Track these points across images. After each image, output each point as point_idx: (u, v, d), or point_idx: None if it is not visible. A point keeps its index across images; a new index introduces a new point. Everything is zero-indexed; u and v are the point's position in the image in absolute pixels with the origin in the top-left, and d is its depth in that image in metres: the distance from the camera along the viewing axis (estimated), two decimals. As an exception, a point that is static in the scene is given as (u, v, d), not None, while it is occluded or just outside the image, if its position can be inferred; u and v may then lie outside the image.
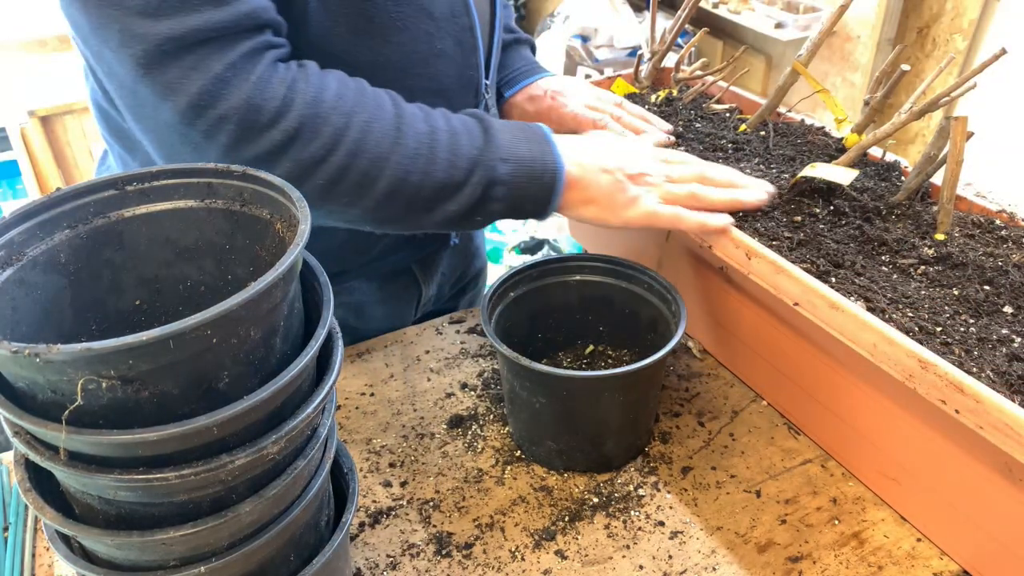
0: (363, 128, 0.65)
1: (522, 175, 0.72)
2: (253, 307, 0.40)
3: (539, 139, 0.74)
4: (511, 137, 0.73)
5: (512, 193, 0.72)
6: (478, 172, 0.70)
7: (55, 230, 0.47)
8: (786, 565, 0.64)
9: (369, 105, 0.67)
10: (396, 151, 0.67)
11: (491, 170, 0.70)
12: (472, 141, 0.71)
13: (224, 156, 0.62)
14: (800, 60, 0.87)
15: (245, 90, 0.61)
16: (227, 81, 0.60)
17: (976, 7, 2.26)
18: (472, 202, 0.71)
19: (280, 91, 0.62)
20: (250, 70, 0.61)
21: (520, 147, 0.72)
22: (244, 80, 0.61)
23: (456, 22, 0.77)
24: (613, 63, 2.83)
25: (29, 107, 2.11)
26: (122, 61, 0.59)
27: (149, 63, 0.59)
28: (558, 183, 0.73)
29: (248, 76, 0.61)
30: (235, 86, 0.60)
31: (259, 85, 0.61)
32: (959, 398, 0.55)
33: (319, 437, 0.49)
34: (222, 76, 0.60)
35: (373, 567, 0.65)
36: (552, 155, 0.73)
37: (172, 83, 0.59)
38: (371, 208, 0.68)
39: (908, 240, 0.74)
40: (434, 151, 0.68)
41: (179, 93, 0.59)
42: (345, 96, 0.66)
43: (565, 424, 0.70)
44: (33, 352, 0.36)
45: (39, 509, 0.44)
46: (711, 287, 0.82)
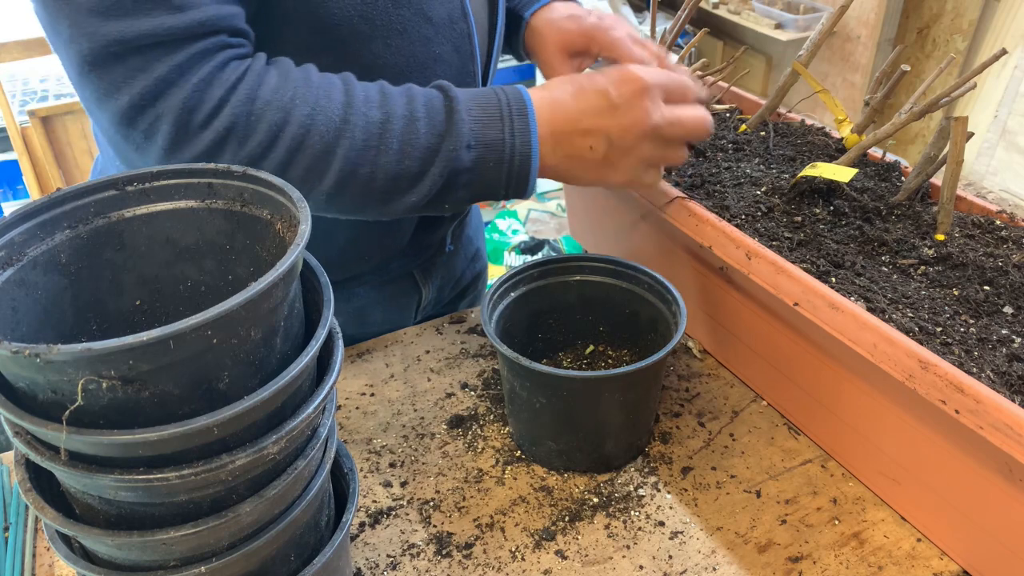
0: (303, 122, 0.63)
1: (489, 160, 0.67)
2: (253, 307, 0.40)
3: (516, 112, 0.68)
4: (479, 116, 0.67)
5: (479, 180, 0.68)
6: (438, 162, 0.66)
7: (55, 230, 0.47)
8: (786, 565, 0.64)
9: (312, 96, 0.64)
10: (342, 143, 0.64)
11: (453, 160, 0.66)
12: (432, 127, 0.66)
13: (164, 157, 0.62)
14: (800, 60, 0.87)
15: (185, 91, 0.60)
16: (170, 82, 0.60)
17: (976, 7, 2.26)
18: (433, 192, 0.67)
19: (218, 92, 0.61)
20: (195, 71, 0.60)
21: (489, 129, 0.67)
22: (186, 81, 0.60)
23: (454, 28, 0.77)
24: (613, 63, 2.82)
25: (29, 107, 2.11)
26: (70, 57, 0.59)
27: (94, 62, 0.58)
28: (532, 165, 0.68)
29: (191, 78, 0.60)
30: (176, 87, 0.60)
31: (198, 87, 0.60)
32: (959, 398, 0.55)
33: (319, 437, 0.49)
34: (165, 77, 0.59)
35: (373, 567, 0.65)
36: (527, 133, 0.67)
37: (116, 83, 0.59)
38: (323, 200, 0.66)
39: (908, 240, 0.74)
40: (385, 141, 0.65)
41: (122, 93, 0.59)
42: (283, 90, 0.63)
43: (565, 424, 0.70)
44: (33, 352, 0.36)
45: (39, 509, 0.44)
46: (711, 287, 0.82)
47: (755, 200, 0.79)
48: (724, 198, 0.80)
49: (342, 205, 0.68)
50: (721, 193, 0.81)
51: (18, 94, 2.47)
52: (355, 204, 0.68)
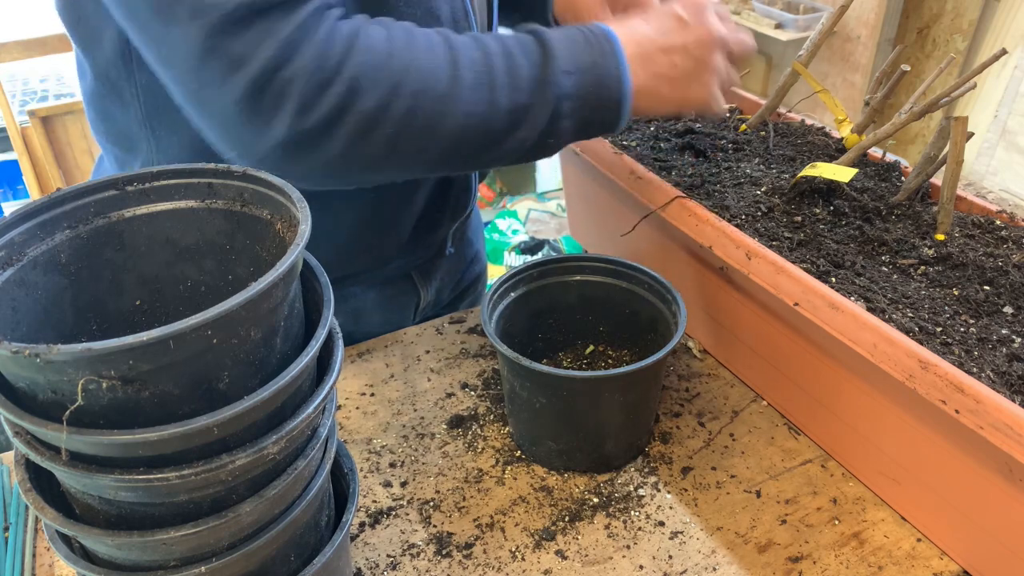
0: (420, 69, 0.64)
1: (588, 84, 0.68)
2: (253, 307, 0.40)
3: (602, 39, 0.70)
4: (570, 44, 0.69)
5: (581, 105, 0.69)
6: (546, 90, 0.67)
7: (55, 230, 0.47)
8: (786, 565, 0.64)
9: (421, 45, 0.65)
10: (457, 85, 0.65)
11: (556, 86, 0.67)
12: (530, 58, 0.67)
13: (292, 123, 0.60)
14: (800, 60, 0.87)
15: (312, 48, 0.59)
16: (296, 43, 0.59)
17: (976, 7, 2.26)
18: (543, 123, 0.68)
19: (341, 46, 0.61)
20: (316, 29, 0.60)
21: (581, 55, 0.68)
22: (311, 40, 0.60)
23: (457, 27, 0.76)
24: (613, 63, 2.82)
25: (29, 107, 2.11)
26: (190, 36, 0.57)
27: (224, 31, 0.57)
28: (624, 86, 0.69)
29: (315, 36, 0.60)
30: (304, 46, 0.59)
31: (326, 42, 0.60)
32: (959, 398, 0.55)
33: (319, 437, 0.49)
34: (291, 38, 0.59)
35: (373, 567, 0.65)
36: (615, 56, 0.69)
37: (247, 51, 0.58)
38: (445, 149, 0.66)
39: (908, 240, 0.74)
40: (493, 78, 0.66)
41: (253, 61, 0.58)
42: (396, 40, 0.64)
43: (565, 424, 0.70)
44: (33, 352, 0.36)
45: (40, 509, 0.44)
46: (711, 287, 0.82)
47: (755, 200, 0.79)
48: (724, 198, 0.80)
49: (462, 151, 0.67)
50: (721, 193, 0.81)
51: (18, 94, 2.47)
52: (474, 150, 0.68)
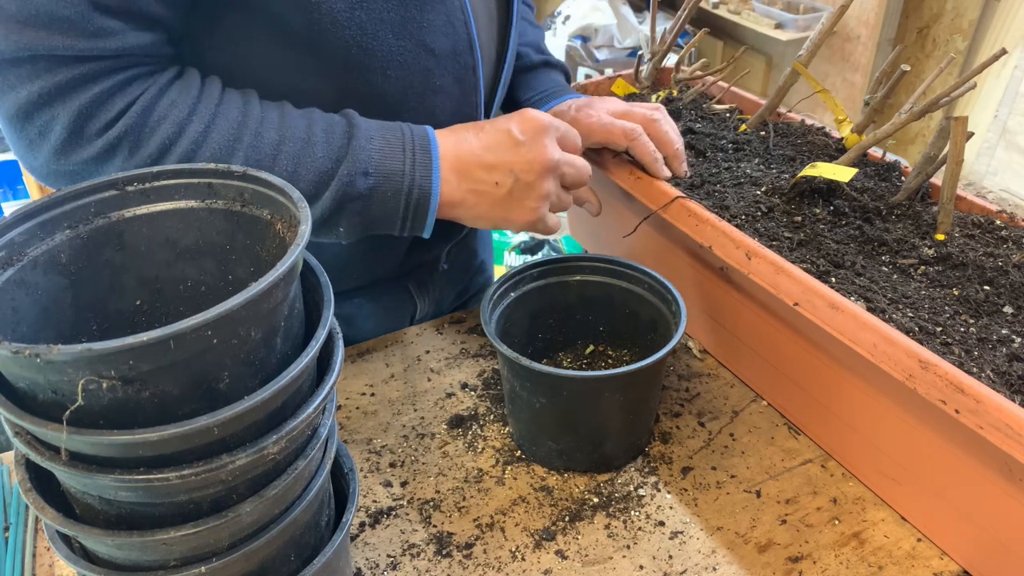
0: (196, 138, 0.64)
1: (387, 190, 0.68)
2: (254, 307, 0.40)
3: (419, 147, 0.69)
4: (381, 146, 0.68)
5: (374, 208, 0.68)
6: (332, 186, 0.66)
7: (56, 230, 0.47)
8: (786, 565, 0.64)
9: (209, 113, 0.65)
10: (233, 160, 0.64)
11: (347, 185, 0.67)
12: (329, 151, 0.67)
13: (52, 157, 0.62)
14: (800, 60, 0.87)
15: (84, 98, 0.61)
16: (71, 88, 0.60)
17: (976, 7, 2.26)
18: (324, 215, 0.68)
19: (119, 105, 0.62)
20: (98, 82, 0.61)
21: (389, 160, 0.68)
22: (87, 90, 0.61)
23: (458, 60, 0.76)
24: (613, 63, 2.83)
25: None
26: None
27: (3, 60, 0.59)
28: (431, 200, 0.69)
29: (93, 87, 0.61)
30: (76, 93, 0.60)
31: (99, 97, 0.61)
32: (959, 398, 0.55)
33: (319, 437, 0.49)
34: (67, 83, 0.60)
35: (373, 567, 0.65)
36: (428, 167, 0.68)
37: (21, 78, 0.59)
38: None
39: (908, 240, 0.74)
40: (278, 162, 0.66)
41: (23, 88, 0.60)
42: (181, 104, 0.64)
43: (565, 424, 0.70)
44: (34, 352, 0.36)
45: (40, 509, 0.44)
46: (711, 287, 0.82)
47: (755, 200, 0.79)
48: (724, 198, 0.80)
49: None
50: (721, 193, 0.81)
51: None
52: None
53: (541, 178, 0.71)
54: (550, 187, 0.72)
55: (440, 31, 0.73)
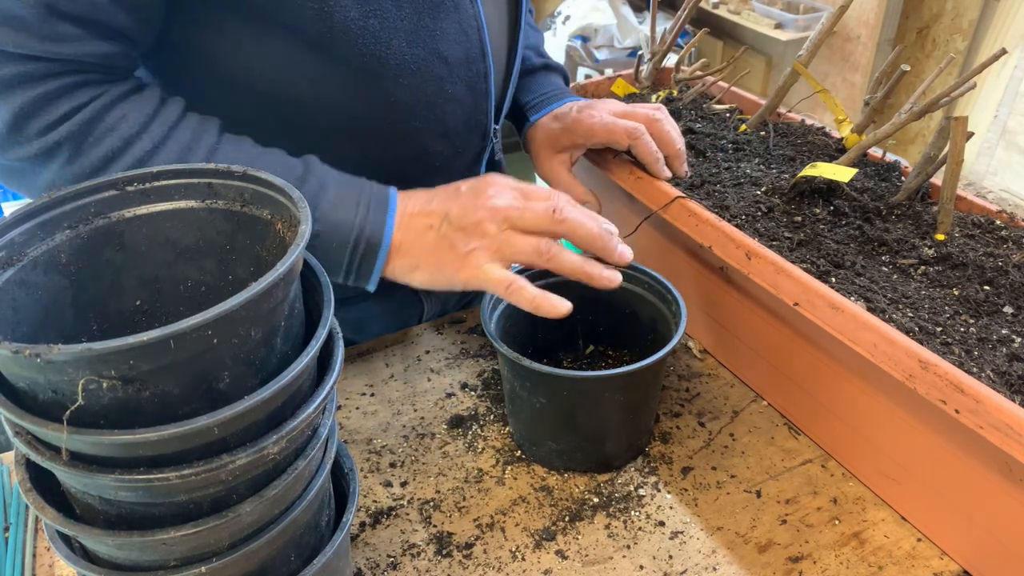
0: (140, 157, 0.62)
1: (330, 240, 0.65)
2: (254, 307, 0.40)
3: (375, 205, 0.67)
4: (333, 197, 0.66)
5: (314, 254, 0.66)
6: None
7: (56, 230, 0.47)
8: (786, 565, 0.64)
9: (159, 134, 0.63)
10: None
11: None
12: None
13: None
14: (800, 60, 0.87)
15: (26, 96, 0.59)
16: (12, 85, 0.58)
17: (976, 7, 2.26)
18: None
19: (63, 108, 0.60)
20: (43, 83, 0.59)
21: (341, 210, 0.65)
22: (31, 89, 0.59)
23: (470, 68, 0.75)
24: (613, 63, 2.83)
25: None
26: None
27: None
28: (378, 255, 0.66)
29: (37, 87, 0.59)
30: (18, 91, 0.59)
31: (42, 97, 0.59)
32: (959, 398, 0.55)
33: (320, 437, 0.49)
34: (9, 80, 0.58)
35: (374, 567, 0.65)
36: (380, 224, 0.66)
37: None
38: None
39: (908, 240, 0.74)
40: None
41: None
42: (132, 119, 0.62)
43: (565, 424, 0.70)
44: (34, 352, 0.36)
45: (40, 509, 0.44)
46: (711, 287, 0.82)
47: (755, 200, 0.79)
48: (724, 198, 0.80)
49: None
50: (721, 193, 0.81)
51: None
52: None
53: (477, 224, 0.66)
54: (489, 230, 0.66)
55: (453, 39, 0.73)
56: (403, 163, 0.76)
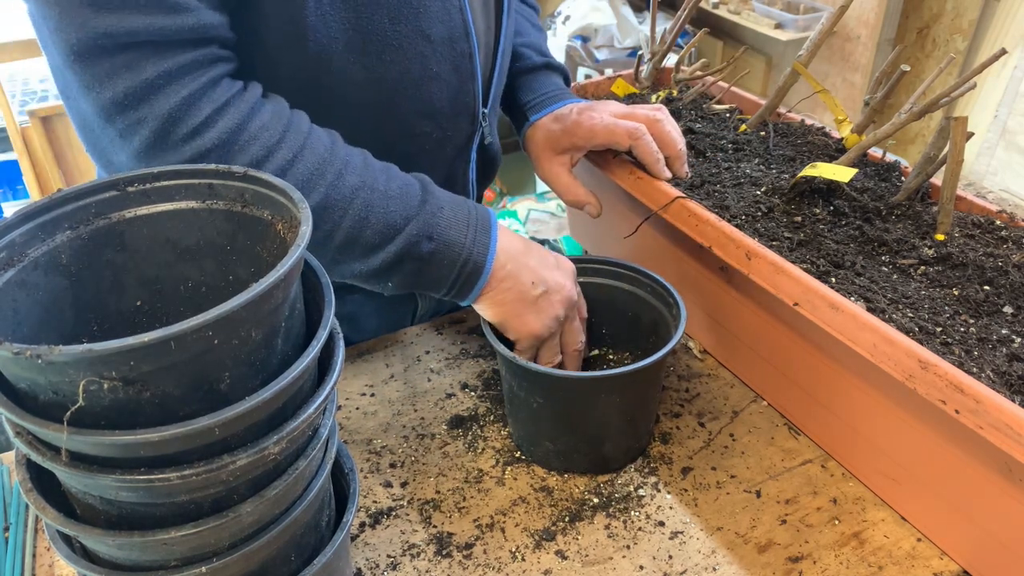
0: (282, 165, 0.64)
1: (444, 258, 0.70)
2: (254, 308, 0.40)
3: (480, 227, 0.72)
4: (449, 215, 0.71)
5: (428, 271, 0.70)
6: (397, 242, 0.69)
7: (56, 231, 0.47)
8: (786, 565, 0.64)
9: (297, 144, 0.66)
10: (313, 196, 0.66)
11: (412, 245, 0.69)
12: (403, 209, 0.69)
13: (134, 158, 0.62)
14: (800, 60, 0.87)
15: (172, 101, 0.60)
16: (157, 88, 0.60)
17: (976, 7, 2.26)
18: (383, 268, 0.69)
19: (206, 111, 0.62)
20: (185, 83, 0.61)
21: (453, 231, 0.71)
22: (174, 91, 0.60)
23: (454, 47, 0.76)
24: (613, 63, 2.83)
25: (29, 107, 2.11)
26: (55, 45, 0.59)
27: (80, 52, 0.58)
28: (482, 275, 0.71)
29: (180, 89, 0.60)
30: (163, 94, 0.60)
31: (188, 100, 0.61)
32: (959, 398, 0.55)
33: (320, 437, 0.49)
34: (152, 82, 0.59)
35: (374, 567, 0.65)
36: (485, 246, 0.71)
37: (100, 77, 0.59)
38: None
39: (908, 240, 0.74)
40: (355, 206, 0.67)
41: (105, 87, 0.59)
42: (272, 129, 0.65)
43: (563, 425, 0.70)
44: (34, 353, 0.36)
45: (40, 509, 0.44)
46: (711, 287, 0.82)
47: (755, 200, 0.79)
48: (724, 198, 0.80)
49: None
50: (721, 193, 0.81)
51: (18, 94, 2.46)
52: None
53: (562, 304, 0.74)
54: (562, 314, 0.74)
55: (436, 17, 0.73)
56: (391, 143, 0.77)
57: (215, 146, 0.62)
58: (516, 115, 0.94)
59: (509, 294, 0.72)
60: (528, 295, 0.72)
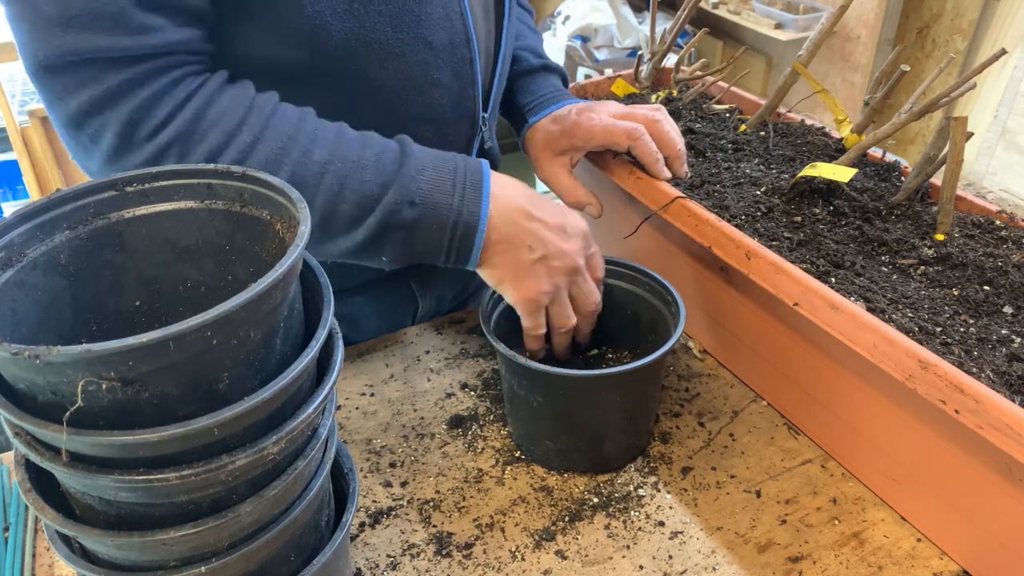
0: (243, 149, 0.64)
1: (432, 222, 0.67)
2: (253, 308, 0.40)
3: (470, 184, 0.68)
4: (431, 177, 0.68)
5: (417, 238, 0.68)
6: (377, 212, 0.66)
7: (55, 231, 0.47)
8: (786, 565, 0.64)
9: (259, 125, 0.65)
10: (278, 175, 0.64)
11: (392, 213, 0.66)
12: (378, 176, 0.66)
13: (105, 163, 0.63)
14: (800, 60, 0.87)
15: (132, 103, 0.61)
16: (118, 95, 0.61)
17: (976, 7, 2.26)
18: (367, 241, 0.67)
19: (166, 109, 0.62)
20: (146, 86, 0.61)
21: (438, 192, 0.67)
22: (135, 95, 0.61)
23: (455, 53, 0.76)
24: (613, 63, 2.83)
25: (29, 107, 2.11)
26: (25, 58, 0.61)
27: (48, 67, 0.59)
28: (475, 237, 0.68)
29: (140, 92, 0.61)
30: (125, 100, 0.61)
31: (148, 100, 0.61)
32: (959, 398, 0.55)
33: (319, 437, 0.49)
34: (115, 90, 0.60)
35: (373, 567, 0.65)
36: (476, 204, 0.68)
37: (67, 88, 0.60)
38: None
39: (908, 240, 0.74)
40: (325, 181, 0.65)
41: (71, 98, 0.60)
42: (231, 113, 0.64)
43: (563, 424, 0.70)
44: (33, 354, 0.36)
45: (39, 510, 0.44)
46: (711, 287, 0.82)
47: (755, 200, 0.79)
48: (724, 198, 0.80)
49: None
50: (721, 193, 0.81)
51: (18, 94, 2.47)
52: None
53: (562, 271, 0.71)
54: (562, 283, 0.72)
55: (437, 24, 0.73)
56: None
57: (174, 139, 0.62)
58: (515, 117, 0.94)
59: (504, 257, 0.69)
60: (524, 260, 0.69)
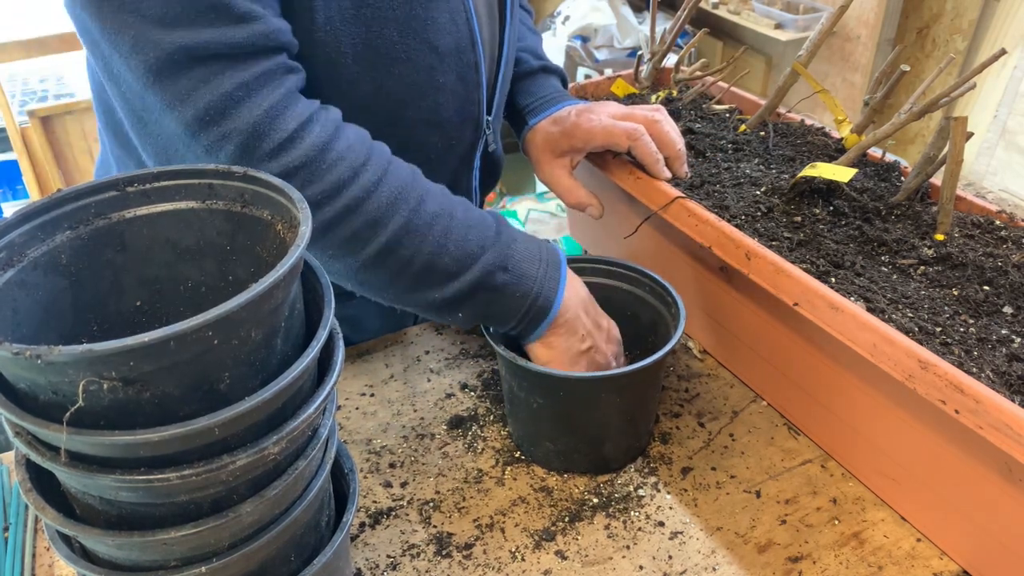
0: (367, 187, 0.65)
1: (517, 290, 0.70)
2: (254, 308, 0.40)
3: (551, 264, 0.72)
4: (521, 249, 0.71)
5: (500, 302, 0.70)
6: (474, 270, 0.68)
7: (56, 231, 0.47)
8: (786, 565, 0.64)
9: (381, 167, 0.66)
10: (396, 219, 0.66)
11: (487, 274, 0.69)
12: (480, 238, 0.69)
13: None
14: (800, 60, 0.87)
15: (255, 114, 0.61)
16: (237, 100, 0.60)
17: (976, 7, 2.26)
18: (457, 296, 0.69)
19: (291, 125, 0.62)
20: (264, 95, 0.61)
21: (527, 263, 0.71)
22: (256, 104, 0.61)
23: (461, 58, 0.76)
24: (613, 63, 2.83)
25: (29, 107, 2.11)
26: (133, 68, 0.59)
27: (160, 71, 0.59)
28: (551, 310, 0.71)
29: (261, 101, 0.61)
30: (245, 107, 0.60)
31: (271, 112, 0.61)
32: (959, 398, 0.55)
33: (320, 438, 0.49)
34: (231, 94, 0.60)
35: (373, 567, 0.65)
36: (556, 282, 0.71)
37: (181, 94, 0.59)
38: (355, 268, 0.67)
39: (908, 240, 0.74)
40: (435, 233, 0.67)
41: (187, 104, 0.60)
42: (358, 151, 0.65)
43: (563, 425, 0.70)
44: (34, 354, 0.36)
45: (40, 509, 0.44)
46: (711, 287, 0.82)
47: (755, 200, 0.79)
48: (724, 198, 0.80)
49: (370, 278, 0.69)
50: (721, 193, 0.81)
51: (18, 94, 2.47)
52: (383, 282, 0.69)
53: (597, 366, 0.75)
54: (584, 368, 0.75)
55: (444, 29, 0.73)
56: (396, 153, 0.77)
57: (303, 164, 0.62)
58: (515, 119, 0.94)
59: (562, 340, 0.72)
60: (576, 348, 0.72)
